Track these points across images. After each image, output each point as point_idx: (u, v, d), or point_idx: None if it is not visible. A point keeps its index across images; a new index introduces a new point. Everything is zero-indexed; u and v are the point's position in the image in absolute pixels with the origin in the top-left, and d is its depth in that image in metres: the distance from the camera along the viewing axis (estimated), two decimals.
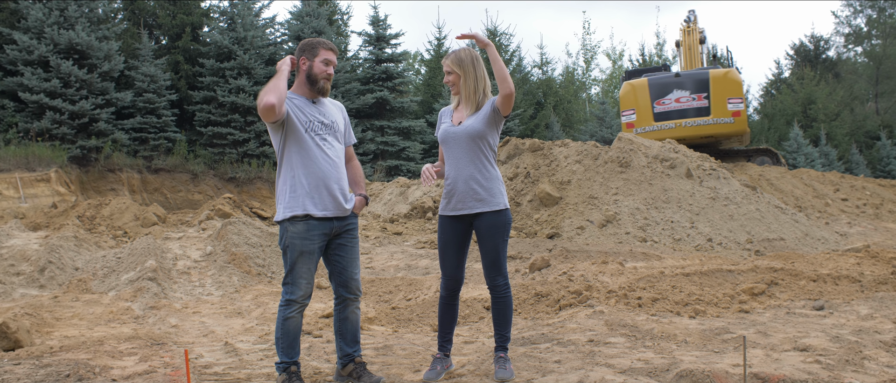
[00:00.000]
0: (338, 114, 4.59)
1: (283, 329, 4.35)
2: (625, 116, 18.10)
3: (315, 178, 4.34)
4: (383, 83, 24.30)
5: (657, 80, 18.09)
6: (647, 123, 17.97)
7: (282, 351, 4.36)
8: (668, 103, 17.94)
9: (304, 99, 4.45)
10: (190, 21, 22.84)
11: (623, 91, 18.42)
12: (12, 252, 9.94)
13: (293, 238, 4.32)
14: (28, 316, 6.83)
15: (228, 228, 10.73)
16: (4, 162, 16.63)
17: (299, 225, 4.32)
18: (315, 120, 4.41)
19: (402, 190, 15.20)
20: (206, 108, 21.58)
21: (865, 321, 5.83)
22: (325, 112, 4.50)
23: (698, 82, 17.93)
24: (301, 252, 4.32)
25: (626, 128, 17.80)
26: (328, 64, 4.45)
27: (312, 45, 4.46)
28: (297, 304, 4.35)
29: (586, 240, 11.37)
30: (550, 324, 6.14)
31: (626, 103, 18.29)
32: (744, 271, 7.36)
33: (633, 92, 18.10)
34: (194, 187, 20.58)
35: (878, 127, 35.55)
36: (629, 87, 18.26)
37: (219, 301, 8.34)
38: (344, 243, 4.50)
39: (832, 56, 41.32)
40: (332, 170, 4.39)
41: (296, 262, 4.33)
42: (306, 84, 4.46)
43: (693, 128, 17.91)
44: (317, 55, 4.43)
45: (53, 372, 4.71)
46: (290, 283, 4.35)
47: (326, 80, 4.45)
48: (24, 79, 18.04)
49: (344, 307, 4.56)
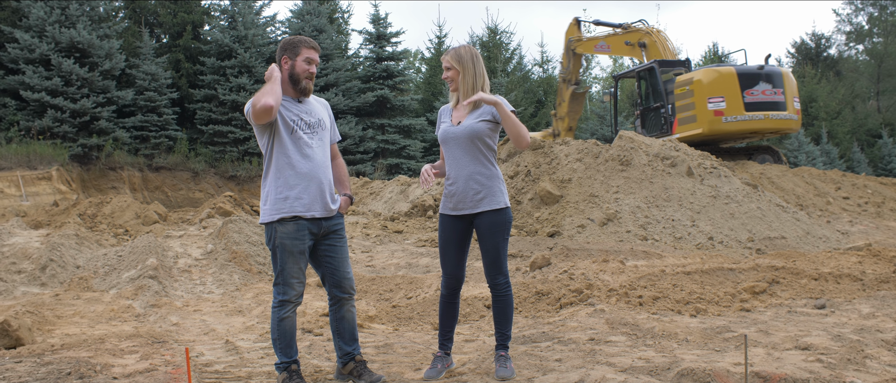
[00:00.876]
0: (323, 112, 4.55)
1: (279, 330, 4.33)
2: (712, 103, 17.93)
3: (302, 179, 4.31)
4: (384, 81, 24.30)
5: (744, 71, 18.26)
6: (738, 112, 18.04)
7: (280, 352, 4.35)
8: (756, 95, 18.08)
9: (289, 98, 4.41)
10: (191, 19, 22.84)
11: (707, 76, 18.20)
12: (14, 250, 9.94)
13: (283, 238, 4.29)
14: (29, 314, 6.83)
15: (229, 226, 10.74)
16: (6, 160, 16.64)
17: (288, 225, 4.29)
18: (301, 119, 4.38)
19: (403, 188, 15.20)
20: (206, 107, 21.59)
21: (867, 320, 5.82)
22: (311, 110, 4.46)
23: (776, 77, 18.22)
24: (291, 252, 4.30)
25: (714, 115, 17.72)
26: (310, 63, 4.40)
27: (293, 44, 4.41)
28: (290, 304, 4.34)
29: (587, 238, 11.36)
30: (551, 323, 6.13)
31: (714, 90, 18.03)
32: (745, 270, 7.36)
33: (721, 79, 18.09)
34: (195, 185, 20.59)
35: (880, 125, 35.52)
36: (716, 74, 18.16)
37: (220, 299, 8.34)
38: (333, 243, 4.48)
39: (833, 54, 41.29)
40: (318, 169, 4.37)
41: (286, 263, 4.30)
42: (289, 84, 4.41)
43: (777, 121, 18.23)
44: (298, 54, 4.38)
45: (55, 370, 4.71)
46: (281, 284, 4.32)
47: (309, 80, 4.41)
48: (25, 77, 18.06)
49: (339, 306, 4.56)
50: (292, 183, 4.30)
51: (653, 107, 19.07)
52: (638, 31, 20.32)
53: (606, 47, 21.12)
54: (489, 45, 30.43)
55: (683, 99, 18.14)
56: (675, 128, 18.20)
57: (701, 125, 17.67)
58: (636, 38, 20.16)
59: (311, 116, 4.43)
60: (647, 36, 19.98)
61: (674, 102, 18.31)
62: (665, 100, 18.50)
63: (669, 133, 18.16)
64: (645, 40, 19.88)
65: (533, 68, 35.35)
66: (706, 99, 17.84)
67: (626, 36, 20.39)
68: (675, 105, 18.29)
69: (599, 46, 21.24)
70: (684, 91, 18.15)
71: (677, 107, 18.20)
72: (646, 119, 19.38)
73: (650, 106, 19.21)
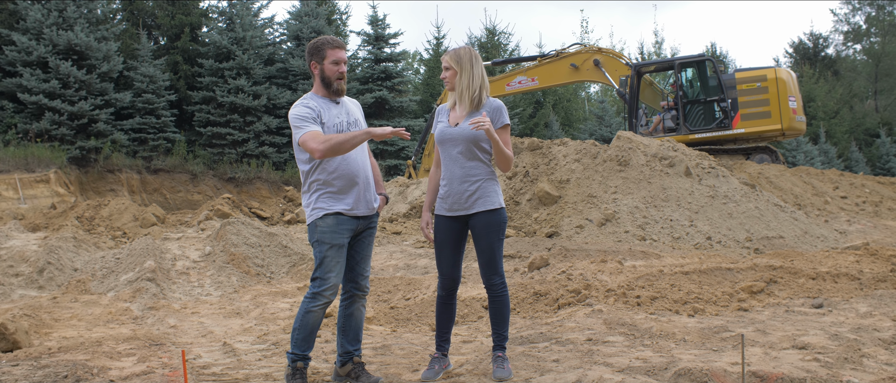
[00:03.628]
0: (358, 113, 4.66)
1: (302, 320, 4.37)
2: (791, 101, 18.10)
3: (346, 179, 4.39)
4: (382, 83, 24.28)
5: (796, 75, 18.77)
6: (800, 113, 18.38)
7: (295, 344, 4.37)
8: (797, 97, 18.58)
9: (327, 100, 4.49)
10: (189, 21, 22.83)
11: (785, 75, 18.31)
12: (11, 253, 9.93)
13: (324, 232, 4.36)
14: (26, 317, 6.83)
15: (227, 228, 10.73)
16: (3, 163, 16.62)
17: (330, 220, 4.37)
18: (343, 121, 4.46)
19: (401, 189, 15.19)
20: (205, 109, 21.58)
21: (864, 319, 5.82)
22: (349, 111, 4.56)
23: None
24: (331, 245, 4.36)
25: (793, 112, 17.87)
26: (338, 63, 4.46)
27: (318, 48, 4.47)
28: (323, 298, 4.36)
29: (585, 238, 11.36)
30: (549, 323, 6.13)
31: (792, 89, 18.18)
32: (743, 269, 7.36)
33: (791, 79, 18.31)
34: (193, 187, 20.58)
35: (878, 124, 35.54)
36: (788, 74, 18.39)
37: (217, 301, 8.33)
38: (363, 239, 4.58)
39: (831, 54, 41.31)
40: (361, 169, 4.46)
41: (326, 256, 4.36)
42: (323, 86, 4.50)
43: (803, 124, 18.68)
44: (325, 57, 4.45)
45: (51, 374, 4.71)
46: (319, 277, 4.37)
47: (340, 80, 4.49)
48: (23, 80, 18.04)
49: (351, 303, 4.59)
50: (335, 183, 4.38)
51: (704, 100, 18.51)
52: (578, 53, 19.34)
53: (528, 81, 19.68)
54: (487, 45, 30.42)
55: (752, 94, 17.96)
56: (736, 122, 18.04)
57: (778, 121, 17.78)
58: (581, 59, 19.12)
59: (348, 117, 4.52)
60: (599, 54, 19.21)
61: (736, 97, 18.06)
62: (725, 94, 18.12)
63: (728, 128, 17.99)
64: (598, 58, 18.99)
65: None
66: (787, 96, 17.93)
67: (570, 59, 19.22)
68: (737, 99, 18.07)
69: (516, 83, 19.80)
70: (754, 87, 17.97)
71: (741, 102, 18.05)
72: (689, 113, 18.66)
73: (699, 99, 18.63)
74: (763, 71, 18.35)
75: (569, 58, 19.29)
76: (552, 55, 19.49)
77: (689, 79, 19.13)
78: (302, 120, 4.33)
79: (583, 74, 19.48)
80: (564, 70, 19.42)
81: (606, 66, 19.00)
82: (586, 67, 19.14)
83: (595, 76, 19.48)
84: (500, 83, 19.74)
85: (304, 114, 4.35)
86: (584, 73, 19.34)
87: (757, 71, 18.47)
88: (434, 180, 4.67)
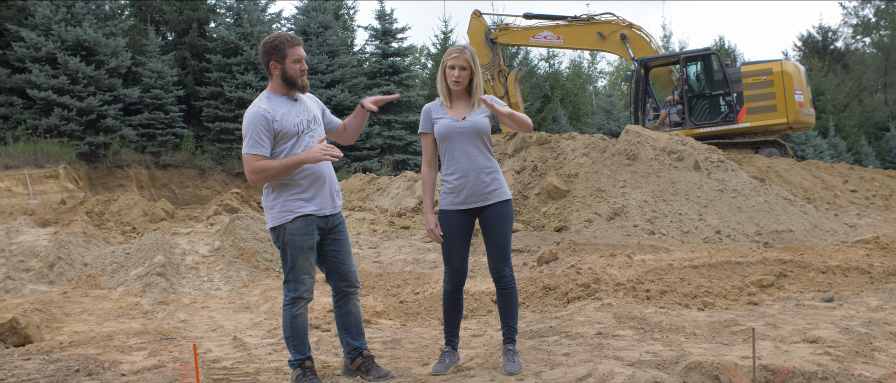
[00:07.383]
0: (315, 108, 4.55)
1: (292, 327, 4.34)
2: (798, 94, 18.07)
3: (312, 178, 4.33)
4: (390, 77, 24.30)
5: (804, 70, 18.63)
6: (808, 107, 18.35)
7: (294, 349, 4.35)
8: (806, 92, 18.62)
9: (285, 99, 4.37)
10: (196, 17, 22.87)
11: (791, 68, 18.28)
12: (22, 248, 9.98)
13: (292, 235, 4.28)
14: (38, 311, 6.86)
15: (236, 223, 10.75)
16: (13, 158, 16.70)
17: (298, 222, 4.29)
18: (303, 121, 4.36)
19: (410, 184, 15.19)
20: (213, 104, 21.63)
21: (875, 312, 5.80)
22: (307, 108, 4.45)
23: None
24: (301, 248, 4.30)
25: (799, 106, 17.87)
26: (299, 61, 4.34)
27: (278, 47, 4.32)
28: (302, 301, 4.34)
29: (594, 232, 11.35)
30: (559, 317, 6.13)
31: (799, 83, 18.16)
32: (752, 263, 7.34)
33: (798, 73, 18.28)
34: (202, 183, 20.63)
35: (887, 118, 35.36)
36: (795, 67, 18.35)
37: (227, 295, 8.36)
38: (337, 238, 4.50)
39: (840, 47, 41.11)
40: (326, 165, 4.39)
41: (297, 259, 4.30)
42: (284, 86, 4.36)
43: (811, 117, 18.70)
44: (286, 56, 4.31)
45: (63, 367, 4.73)
46: (292, 281, 4.32)
47: (302, 76, 4.37)
48: (31, 76, 18.11)
49: (345, 301, 4.57)
50: (305, 184, 4.31)
51: (709, 94, 18.49)
52: (609, 22, 19.42)
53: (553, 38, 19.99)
54: None
55: (758, 88, 17.93)
56: (741, 116, 18.00)
57: (784, 115, 17.76)
58: (609, 30, 19.30)
59: (308, 114, 4.43)
60: (628, 29, 19.26)
61: (741, 91, 18.06)
62: (730, 88, 18.12)
63: (733, 122, 17.97)
64: (625, 33, 19.13)
65: (539, 63, 35.28)
66: (794, 90, 17.89)
67: (598, 26, 19.42)
68: (742, 93, 18.07)
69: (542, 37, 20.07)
70: (760, 80, 17.96)
71: (746, 96, 18.04)
72: (694, 107, 18.66)
73: (704, 93, 18.59)
74: (769, 64, 18.27)
75: (598, 25, 19.40)
76: (583, 18, 19.60)
77: (695, 73, 19.09)
78: (252, 135, 4.20)
79: (607, 45, 19.59)
80: (591, 36, 19.56)
81: (632, 42, 19.10)
82: (612, 39, 19.30)
83: (618, 50, 19.61)
84: (525, 33, 19.95)
85: (256, 127, 4.21)
86: (609, 43, 19.48)
87: (763, 64, 18.39)
88: (429, 181, 4.65)
